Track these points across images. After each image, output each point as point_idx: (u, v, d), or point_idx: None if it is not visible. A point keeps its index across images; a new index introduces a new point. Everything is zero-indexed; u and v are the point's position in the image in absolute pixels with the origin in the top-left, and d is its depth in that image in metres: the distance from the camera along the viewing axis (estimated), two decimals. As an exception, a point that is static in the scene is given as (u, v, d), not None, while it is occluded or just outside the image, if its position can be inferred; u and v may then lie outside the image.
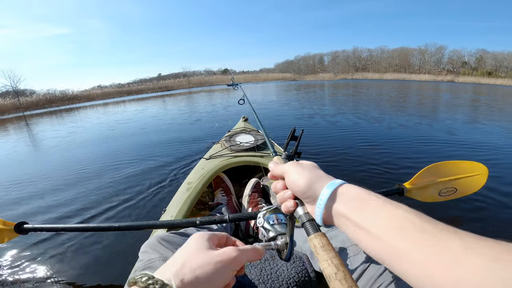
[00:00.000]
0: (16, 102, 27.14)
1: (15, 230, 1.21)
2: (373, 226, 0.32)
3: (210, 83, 41.52)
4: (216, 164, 1.53)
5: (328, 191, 0.38)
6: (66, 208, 2.39)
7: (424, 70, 46.51)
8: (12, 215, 2.36)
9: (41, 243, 1.79)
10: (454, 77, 38.09)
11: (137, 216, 2.11)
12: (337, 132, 4.75)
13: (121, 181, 2.94)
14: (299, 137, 0.74)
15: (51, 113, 18.06)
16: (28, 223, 1.24)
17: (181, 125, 6.42)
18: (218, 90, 24.32)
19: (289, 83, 31.23)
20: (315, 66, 56.77)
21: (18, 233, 1.22)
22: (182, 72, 53.44)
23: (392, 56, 50.36)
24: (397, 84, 25.01)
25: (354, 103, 9.48)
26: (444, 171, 1.35)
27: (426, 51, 47.97)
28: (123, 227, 1.07)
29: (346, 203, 0.36)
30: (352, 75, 46.95)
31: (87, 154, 4.47)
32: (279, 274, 0.69)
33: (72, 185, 2.99)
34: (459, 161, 1.39)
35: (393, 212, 0.32)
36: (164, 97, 21.80)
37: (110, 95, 32.88)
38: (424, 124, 5.34)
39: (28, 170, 3.84)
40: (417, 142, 3.90)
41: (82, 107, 20.83)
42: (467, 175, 1.34)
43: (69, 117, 13.51)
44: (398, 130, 4.80)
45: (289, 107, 8.83)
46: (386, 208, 0.33)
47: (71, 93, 32.14)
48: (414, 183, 1.33)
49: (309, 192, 0.40)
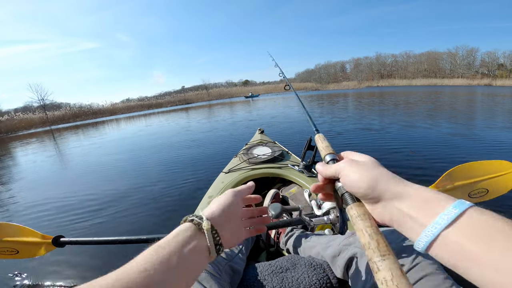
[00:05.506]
0: (43, 116, 28.54)
1: (53, 243, 1.26)
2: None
3: (230, 95, 41.66)
4: (235, 178, 1.59)
5: (448, 216, 0.27)
6: (95, 221, 2.53)
7: (456, 74, 43.81)
8: (45, 227, 2.54)
9: (74, 255, 1.93)
10: (491, 81, 35.68)
11: (163, 228, 2.20)
12: (362, 138, 4.93)
13: (144, 196, 3.05)
14: (315, 146, 0.76)
15: (76, 127, 18.84)
16: (64, 237, 1.28)
17: (200, 140, 6.47)
18: (238, 102, 24.69)
19: (311, 93, 30.45)
20: (337, 74, 55.42)
21: (55, 246, 1.26)
22: (203, 84, 54.39)
23: (420, 60, 48.00)
24: (431, 90, 23.10)
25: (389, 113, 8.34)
26: (472, 172, 1.26)
27: (456, 54, 45.25)
28: (150, 239, 1.08)
29: (480, 237, 0.25)
30: (378, 82, 45.17)
31: (112, 168, 4.72)
32: (300, 282, 0.70)
33: (99, 199, 3.15)
34: (486, 161, 1.27)
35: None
36: (183, 110, 21.98)
37: (132, 108, 33.75)
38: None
39: (58, 186, 4.09)
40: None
41: (106, 121, 21.57)
42: (498, 174, 1.25)
43: (94, 131, 14.09)
44: (422, 133, 4.95)
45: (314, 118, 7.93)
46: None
47: (95, 107, 33.45)
48: (438, 186, 1.24)
49: (373, 194, 0.35)
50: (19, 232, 1.33)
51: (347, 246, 0.69)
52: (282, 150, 1.96)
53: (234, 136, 6.48)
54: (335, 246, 0.73)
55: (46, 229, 1.56)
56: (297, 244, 1.07)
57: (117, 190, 3.40)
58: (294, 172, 1.59)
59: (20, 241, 1.30)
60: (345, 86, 44.21)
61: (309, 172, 1.56)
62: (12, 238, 1.30)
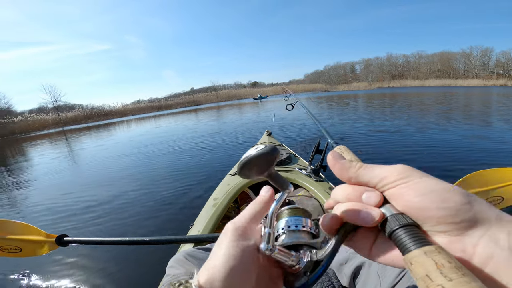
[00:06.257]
0: (56, 117, 29.41)
1: (56, 242, 1.24)
2: None
3: (239, 97, 41.83)
4: (241, 180, 1.59)
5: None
6: (100, 221, 2.57)
7: (471, 75, 42.73)
8: (50, 226, 2.58)
9: (77, 254, 1.95)
10: (506, 81, 34.75)
11: (166, 230, 2.24)
12: (374, 141, 4.84)
13: (148, 198, 3.07)
14: (324, 150, 0.76)
15: (88, 128, 19.29)
16: (68, 236, 1.26)
17: (208, 142, 6.49)
18: (246, 104, 24.81)
19: (320, 95, 30.21)
20: (347, 75, 54.86)
21: (59, 245, 1.24)
22: (212, 86, 54.80)
23: (432, 61, 46.98)
24: (445, 91, 22.55)
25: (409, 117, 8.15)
26: (487, 179, 1.19)
27: (470, 54, 44.11)
28: (153, 241, 1.09)
29: None
30: (389, 83, 44.45)
31: (119, 170, 4.76)
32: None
33: (106, 199, 3.19)
34: (502, 168, 1.18)
35: None
36: (192, 112, 22.17)
37: (142, 110, 34.33)
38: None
39: (66, 186, 4.14)
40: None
41: (117, 123, 21.98)
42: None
43: (105, 132, 14.42)
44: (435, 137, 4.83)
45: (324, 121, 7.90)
46: None
47: (106, 108, 34.20)
48: None
49: (467, 215, 0.20)
50: (23, 230, 1.33)
51: (355, 254, 0.65)
52: (289, 153, 1.95)
53: (241, 138, 6.50)
54: (343, 253, 0.69)
55: (50, 228, 1.58)
56: None
57: (123, 191, 3.42)
58: (301, 176, 1.58)
59: (23, 239, 1.30)
60: (355, 87, 43.65)
61: (316, 176, 1.54)
62: (15, 236, 1.30)
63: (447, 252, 0.18)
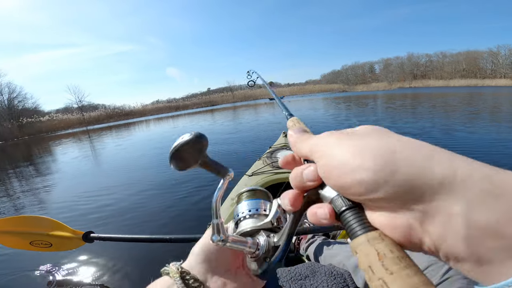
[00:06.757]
0: (80, 117, 30.85)
1: (83, 238, 1.32)
2: None
3: (255, 97, 41.82)
4: (258, 181, 1.64)
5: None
6: (124, 219, 2.67)
7: (499, 74, 40.31)
8: (77, 223, 2.61)
9: (102, 250, 1.99)
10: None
11: (186, 229, 2.29)
12: None
13: (169, 197, 3.13)
14: None
15: (110, 128, 20.00)
16: (94, 233, 1.35)
17: (225, 141, 6.52)
18: (262, 104, 24.68)
19: (337, 95, 29.63)
20: (365, 75, 53.43)
21: (85, 241, 1.32)
22: (228, 86, 55.25)
23: (457, 60, 44.73)
24: (472, 91, 21.39)
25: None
26: None
27: (498, 53, 41.59)
28: (173, 239, 1.22)
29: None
30: (410, 83, 42.80)
31: (140, 168, 4.90)
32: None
33: (129, 198, 3.28)
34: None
35: None
36: (208, 112, 22.42)
37: (160, 110, 35.23)
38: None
39: (91, 183, 4.28)
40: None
41: (137, 122, 22.60)
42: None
43: (125, 131, 14.93)
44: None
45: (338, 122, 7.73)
46: None
47: (127, 108, 35.44)
48: None
49: (390, 185, 0.15)
50: (53, 226, 1.37)
51: None
52: None
53: (258, 138, 6.49)
54: None
55: (76, 224, 1.64)
56: (318, 252, 1.06)
57: (146, 190, 3.50)
58: None
59: (53, 234, 1.34)
60: (374, 87, 42.47)
61: None
62: (46, 231, 1.35)
63: (390, 239, 0.16)
